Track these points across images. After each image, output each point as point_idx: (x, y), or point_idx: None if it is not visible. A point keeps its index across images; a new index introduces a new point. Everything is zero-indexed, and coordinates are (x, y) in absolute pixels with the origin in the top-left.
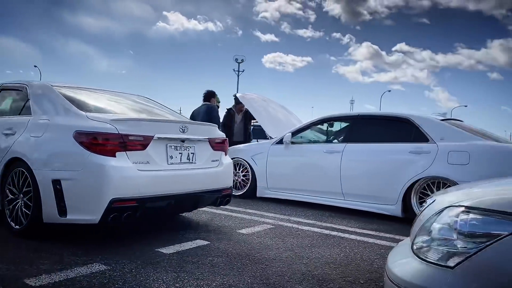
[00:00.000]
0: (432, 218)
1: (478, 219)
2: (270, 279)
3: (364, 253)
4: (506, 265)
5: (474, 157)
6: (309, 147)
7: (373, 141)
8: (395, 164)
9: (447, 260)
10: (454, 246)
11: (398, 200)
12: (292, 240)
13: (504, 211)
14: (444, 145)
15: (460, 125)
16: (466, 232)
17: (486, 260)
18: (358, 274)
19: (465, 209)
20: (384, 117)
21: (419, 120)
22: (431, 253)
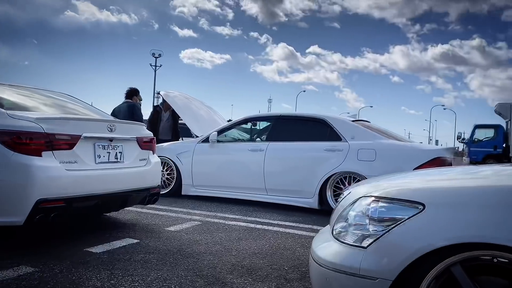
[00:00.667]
0: (348, 207)
1: (385, 207)
2: (203, 271)
3: (287, 243)
4: (405, 243)
5: (379, 154)
6: (234, 146)
7: (293, 140)
8: (312, 161)
9: (361, 242)
10: (366, 229)
11: (315, 194)
12: (220, 234)
13: (405, 199)
14: (354, 144)
15: (367, 125)
16: (376, 217)
17: (392, 239)
18: (282, 262)
19: (375, 198)
20: (303, 117)
21: (333, 121)
22: (348, 237)
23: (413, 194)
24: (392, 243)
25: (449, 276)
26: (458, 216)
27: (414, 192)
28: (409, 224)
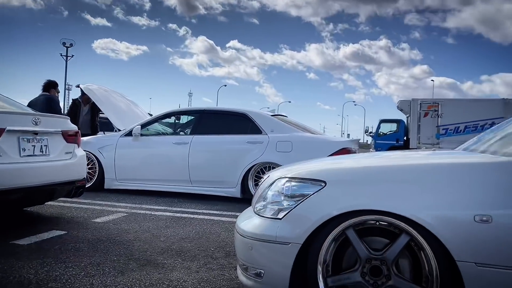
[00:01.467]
0: (267, 188)
1: (296, 185)
2: (134, 255)
3: (212, 228)
4: (311, 213)
5: (295, 146)
6: (159, 139)
7: (216, 133)
8: (235, 153)
9: (277, 215)
10: (281, 205)
11: (238, 184)
12: (147, 223)
13: (312, 178)
14: (273, 136)
15: (285, 119)
16: (289, 194)
17: (301, 211)
18: (209, 244)
19: (288, 179)
20: (226, 112)
21: (254, 115)
22: (267, 212)
23: (317, 174)
24: (301, 214)
25: (345, 238)
26: (350, 190)
27: (319, 173)
28: (314, 198)
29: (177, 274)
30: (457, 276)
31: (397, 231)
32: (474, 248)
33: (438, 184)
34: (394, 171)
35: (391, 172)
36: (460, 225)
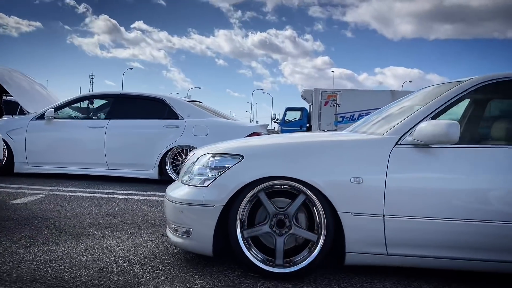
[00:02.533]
0: (192, 164)
1: (219, 159)
2: (64, 229)
3: (134, 205)
4: (231, 181)
5: (211, 130)
6: (73, 122)
7: (133, 117)
8: (152, 137)
9: (203, 183)
10: (207, 175)
11: (155, 166)
12: (69, 203)
13: (232, 153)
14: (190, 121)
15: (200, 105)
16: (213, 167)
17: (222, 180)
18: (134, 218)
19: (212, 154)
20: (142, 97)
21: (171, 101)
22: (194, 182)
23: (236, 150)
24: (223, 182)
25: (257, 199)
26: (262, 162)
27: (237, 149)
28: (233, 169)
29: (109, 242)
30: (338, 222)
31: (297, 192)
32: (350, 202)
33: (327, 156)
34: (294, 146)
35: (293, 148)
36: (341, 186)
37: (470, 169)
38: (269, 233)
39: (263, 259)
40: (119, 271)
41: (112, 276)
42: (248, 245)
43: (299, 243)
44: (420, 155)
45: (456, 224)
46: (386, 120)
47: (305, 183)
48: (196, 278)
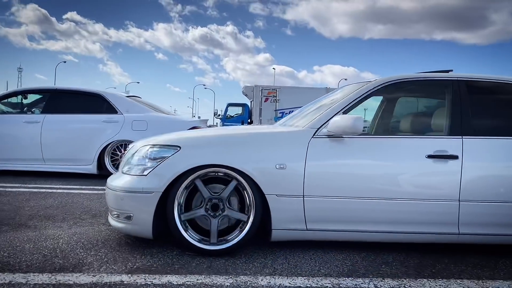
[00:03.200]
0: (132, 155)
1: (158, 150)
2: (3, 221)
3: (74, 199)
4: (168, 170)
5: (150, 125)
6: (6, 118)
7: (71, 112)
8: (90, 132)
9: (143, 172)
10: (146, 165)
11: (94, 161)
12: (5, 198)
13: (170, 144)
14: (129, 116)
15: (139, 100)
16: (152, 157)
17: (161, 169)
18: (74, 210)
19: (151, 146)
20: (80, 92)
21: (109, 96)
22: (134, 171)
23: (174, 141)
24: (162, 171)
25: (194, 186)
26: (197, 152)
27: (175, 140)
28: (171, 159)
29: (51, 231)
30: (266, 204)
31: (229, 178)
32: (275, 186)
33: (255, 146)
34: (227, 138)
35: (226, 138)
36: (268, 172)
37: (376, 155)
38: (205, 216)
39: (199, 239)
40: (63, 255)
41: (56, 259)
42: (186, 227)
43: (231, 223)
44: (333, 145)
45: (365, 202)
46: (308, 114)
47: (236, 170)
48: (137, 258)
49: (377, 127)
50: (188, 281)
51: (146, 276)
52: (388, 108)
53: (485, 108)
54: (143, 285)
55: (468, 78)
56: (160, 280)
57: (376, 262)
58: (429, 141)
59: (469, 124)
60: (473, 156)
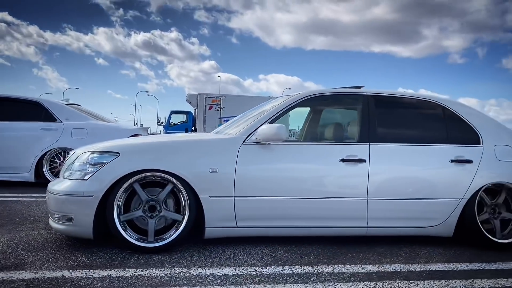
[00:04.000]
0: (73, 161)
1: (98, 156)
2: None
3: (12, 206)
4: (108, 174)
5: (90, 132)
6: None
7: (8, 120)
8: (28, 139)
9: (84, 177)
10: (87, 170)
11: (31, 169)
12: None
13: (109, 151)
14: (68, 124)
15: (79, 108)
16: (92, 163)
17: (101, 173)
18: (13, 216)
19: (92, 152)
20: (18, 99)
21: (48, 104)
22: (75, 176)
23: (113, 148)
24: (101, 175)
25: (132, 189)
26: (136, 157)
27: (114, 147)
28: (110, 164)
29: None
30: (199, 204)
31: (166, 182)
32: (208, 188)
33: (190, 152)
34: (164, 144)
35: (162, 145)
36: (202, 175)
37: (298, 160)
38: (142, 217)
39: (138, 238)
40: (4, 256)
41: None
42: (125, 228)
43: (168, 223)
44: (261, 150)
45: (289, 201)
46: (240, 123)
47: (173, 174)
48: (78, 256)
49: (306, 134)
50: (126, 273)
51: (87, 271)
52: (314, 118)
53: (389, 118)
54: (84, 278)
55: (376, 93)
56: (100, 273)
57: (297, 253)
58: (342, 147)
59: (375, 132)
60: (378, 160)
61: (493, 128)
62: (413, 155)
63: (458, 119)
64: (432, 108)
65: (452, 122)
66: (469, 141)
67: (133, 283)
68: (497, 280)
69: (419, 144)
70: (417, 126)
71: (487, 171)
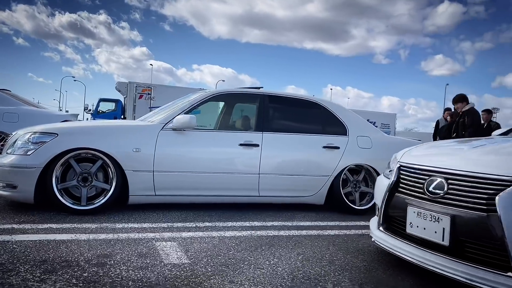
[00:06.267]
0: (15, 140)
1: (38, 136)
2: None
3: None
4: (48, 151)
5: (21, 117)
6: None
7: None
8: None
9: (26, 153)
10: (29, 147)
11: None
12: None
13: (47, 132)
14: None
15: (10, 93)
16: (34, 141)
17: (41, 151)
18: None
19: (33, 133)
20: None
21: None
22: (18, 152)
23: (52, 129)
24: (42, 152)
25: (69, 164)
26: (71, 137)
27: (53, 129)
28: (50, 143)
29: None
30: (124, 177)
31: (97, 158)
32: (132, 164)
33: (118, 135)
34: (96, 127)
35: (95, 128)
36: (127, 154)
37: (207, 144)
38: (77, 186)
39: (72, 202)
40: None
41: None
42: (62, 194)
43: (98, 191)
44: (176, 135)
45: (198, 175)
46: (161, 112)
47: (103, 152)
48: (22, 216)
49: (220, 124)
50: (64, 226)
51: (31, 225)
52: (227, 111)
53: (279, 113)
54: (30, 229)
55: (270, 94)
56: (43, 226)
57: (203, 215)
58: (242, 134)
59: (268, 123)
60: (268, 145)
61: (357, 123)
62: (296, 142)
63: (331, 116)
64: (312, 106)
65: (327, 117)
66: (338, 132)
67: (69, 231)
68: (342, 231)
69: (301, 133)
70: (300, 120)
71: (350, 155)
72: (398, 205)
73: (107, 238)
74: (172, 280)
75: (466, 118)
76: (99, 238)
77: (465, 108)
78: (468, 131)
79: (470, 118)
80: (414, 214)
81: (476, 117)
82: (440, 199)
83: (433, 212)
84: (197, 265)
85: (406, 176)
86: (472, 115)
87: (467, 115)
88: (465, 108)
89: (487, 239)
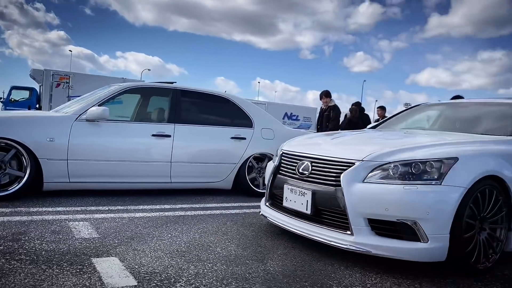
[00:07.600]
0: None
1: None
2: None
3: None
4: None
5: None
6: None
7: None
8: None
9: None
10: None
11: None
12: None
13: None
14: None
15: None
16: None
17: None
18: None
19: None
20: None
21: None
22: None
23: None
24: None
25: None
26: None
27: None
28: None
29: None
30: (39, 165)
31: (10, 147)
32: (46, 153)
33: (33, 124)
34: (10, 117)
35: (9, 118)
36: (41, 143)
37: (120, 134)
38: None
39: None
40: None
41: None
42: None
43: (12, 179)
44: (90, 126)
45: (110, 163)
46: (76, 104)
47: (16, 141)
48: None
49: (136, 116)
50: None
51: None
52: (143, 104)
53: (190, 107)
54: None
55: (182, 88)
56: None
57: (116, 201)
58: (155, 126)
59: (179, 116)
60: (180, 136)
61: (262, 117)
62: (206, 133)
63: (239, 110)
64: (222, 101)
65: (235, 111)
66: (245, 125)
67: None
68: (242, 210)
69: (211, 125)
70: (210, 113)
71: (255, 145)
72: (279, 184)
73: (22, 219)
74: (82, 249)
75: (331, 112)
76: (14, 219)
77: (331, 103)
78: (332, 123)
79: (334, 112)
80: (289, 190)
81: (337, 112)
82: (306, 178)
83: (301, 188)
84: (106, 239)
85: (285, 160)
86: (335, 110)
87: (332, 110)
88: (331, 103)
89: (335, 207)
